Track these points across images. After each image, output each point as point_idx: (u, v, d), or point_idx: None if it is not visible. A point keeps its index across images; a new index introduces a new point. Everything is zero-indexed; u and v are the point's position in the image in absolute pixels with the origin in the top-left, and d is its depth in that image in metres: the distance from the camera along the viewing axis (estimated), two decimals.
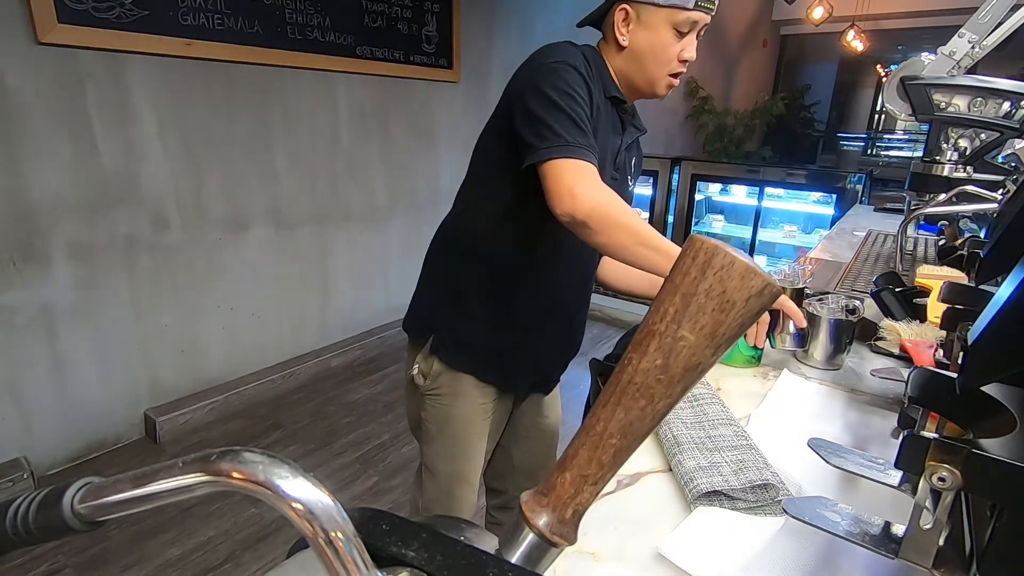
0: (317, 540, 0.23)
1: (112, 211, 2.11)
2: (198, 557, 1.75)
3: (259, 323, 2.68)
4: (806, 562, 0.60)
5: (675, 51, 0.98)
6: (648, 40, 0.97)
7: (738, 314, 0.27)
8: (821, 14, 5.37)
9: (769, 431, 0.86)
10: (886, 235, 2.19)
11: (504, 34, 3.64)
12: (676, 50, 0.98)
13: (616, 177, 1.06)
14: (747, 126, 6.22)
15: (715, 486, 0.67)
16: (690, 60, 1.00)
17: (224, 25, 2.26)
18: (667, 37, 0.97)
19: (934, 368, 0.65)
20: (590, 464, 0.30)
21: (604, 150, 0.99)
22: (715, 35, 6.25)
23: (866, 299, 1.22)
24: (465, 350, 1.07)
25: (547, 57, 0.93)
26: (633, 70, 1.01)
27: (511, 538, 0.31)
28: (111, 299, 2.15)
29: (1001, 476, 0.37)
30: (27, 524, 0.29)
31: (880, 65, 8.52)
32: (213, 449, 0.25)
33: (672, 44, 0.97)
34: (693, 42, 0.99)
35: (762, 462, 0.71)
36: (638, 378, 0.29)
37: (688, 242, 0.28)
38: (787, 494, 0.69)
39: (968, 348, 0.41)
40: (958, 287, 0.72)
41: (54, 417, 2.08)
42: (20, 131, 1.85)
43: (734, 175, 3.93)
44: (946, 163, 1.48)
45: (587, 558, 0.61)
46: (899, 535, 0.46)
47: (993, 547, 0.40)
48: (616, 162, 1.05)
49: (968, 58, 1.44)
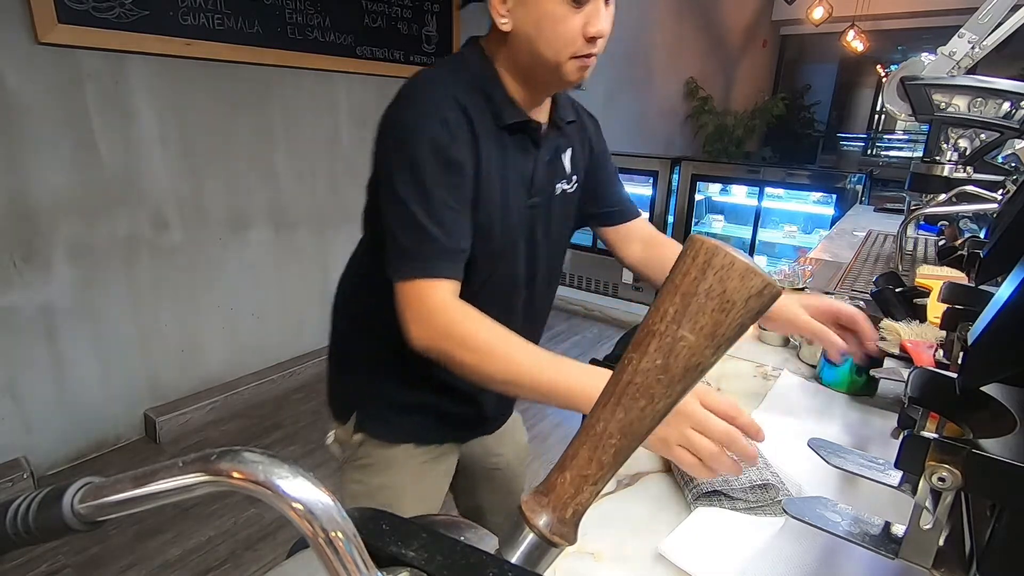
0: (317, 540, 0.23)
1: (112, 211, 2.11)
2: (198, 557, 1.75)
3: (259, 323, 2.69)
4: (806, 562, 0.60)
5: (574, 26, 0.75)
6: (532, 17, 0.75)
7: (738, 314, 0.27)
8: (821, 14, 5.38)
9: (769, 431, 0.86)
10: (886, 235, 2.19)
11: None
12: (575, 24, 0.75)
13: (535, 204, 0.88)
14: (747, 126, 6.22)
15: (715, 486, 0.67)
16: (600, 35, 0.76)
17: (224, 25, 2.26)
18: (556, 9, 0.74)
19: (934, 368, 0.65)
20: (590, 464, 0.30)
21: (510, 182, 0.84)
22: (715, 35, 6.25)
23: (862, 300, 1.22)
24: (394, 420, 0.96)
25: (399, 119, 0.78)
26: (525, 60, 0.79)
27: (511, 538, 0.31)
28: (111, 299, 2.15)
29: (1001, 476, 0.37)
30: (27, 524, 0.29)
31: (880, 65, 8.52)
32: (213, 449, 0.25)
33: (567, 17, 0.74)
34: (599, 11, 0.75)
35: (762, 462, 0.71)
36: (638, 378, 0.29)
37: (688, 242, 0.28)
38: (787, 494, 0.69)
39: (968, 348, 0.41)
40: (958, 287, 0.72)
41: (54, 417, 2.08)
42: (20, 131, 1.85)
43: (734, 175, 3.93)
44: (946, 163, 1.48)
45: (587, 558, 0.61)
46: (899, 535, 0.46)
47: (993, 547, 0.40)
48: (534, 185, 0.87)
49: (968, 58, 1.44)
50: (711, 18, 6.09)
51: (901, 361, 1.08)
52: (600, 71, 3.65)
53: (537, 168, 0.87)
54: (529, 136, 0.86)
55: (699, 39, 5.94)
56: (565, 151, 0.95)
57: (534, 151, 0.87)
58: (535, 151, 0.87)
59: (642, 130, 5.32)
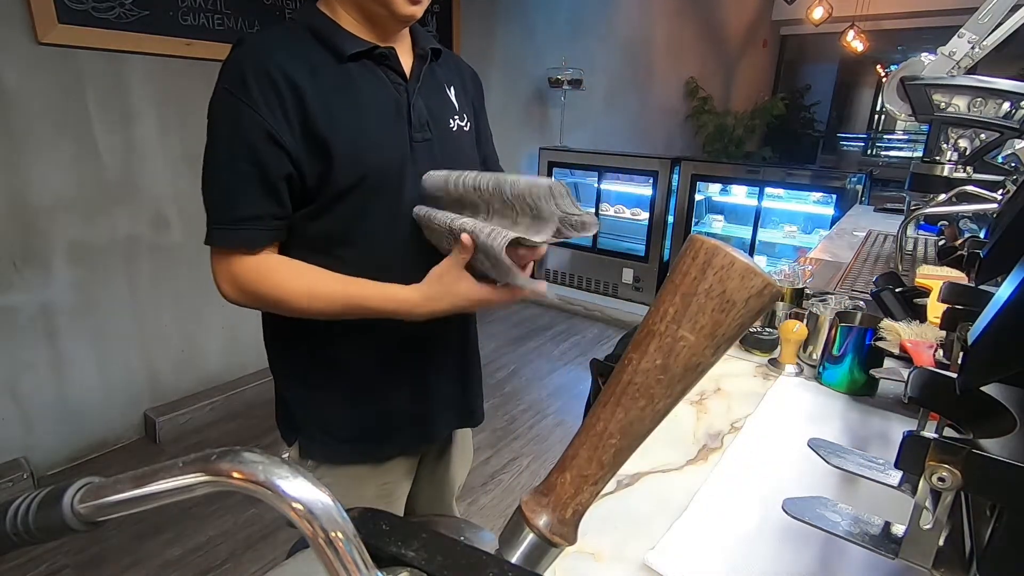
0: (317, 540, 0.23)
1: (112, 211, 2.10)
2: (198, 557, 1.75)
3: (259, 323, 2.68)
4: (806, 562, 0.60)
5: None
6: None
7: (738, 314, 0.27)
8: (821, 14, 5.37)
9: (769, 431, 0.86)
10: (886, 235, 2.19)
11: (504, 32, 3.64)
12: None
13: (428, 136, 0.85)
14: (747, 126, 6.22)
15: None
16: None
17: (224, 25, 2.26)
18: None
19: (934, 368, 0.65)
20: (590, 464, 0.30)
21: (374, 114, 0.80)
22: (715, 35, 6.26)
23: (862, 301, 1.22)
24: (332, 444, 0.91)
25: (217, 78, 0.76)
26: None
27: (511, 538, 0.31)
28: (111, 299, 2.15)
29: (1001, 476, 0.37)
30: (27, 524, 0.29)
31: (880, 65, 8.51)
32: (213, 449, 0.25)
33: None
34: None
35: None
36: (638, 378, 0.29)
37: (688, 242, 0.28)
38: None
39: (968, 348, 0.41)
40: (958, 287, 0.72)
41: (54, 417, 2.08)
42: (20, 131, 1.85)
43: (734, 175, 3.93)
44: (946, 163, 1.49)
45: (587, 558, 0.61)
46: (899, 535, 0.46)
47: (993, 547, 0.40)
48: (413, 120, 0.83)
49: (968, 58, 1.44)
50: (711, 18, 6.09)
51: (901, 361, 1.08)
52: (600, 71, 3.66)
53: (410, 104, 0.83)
54: (387, 65, 0.82)
55: (699, 39, 5.94)
56: (448, 87, 0.91)
57: (402, 82, 0.83)
58: (403, 84, 0.83)
59: (642, 130, 5.32)
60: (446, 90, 0.91)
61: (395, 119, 0.82)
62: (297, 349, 0.90)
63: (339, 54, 0.78)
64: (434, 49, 0.89)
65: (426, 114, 0.85)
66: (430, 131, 0.85)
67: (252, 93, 0.72)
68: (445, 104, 0.90)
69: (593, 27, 4.40)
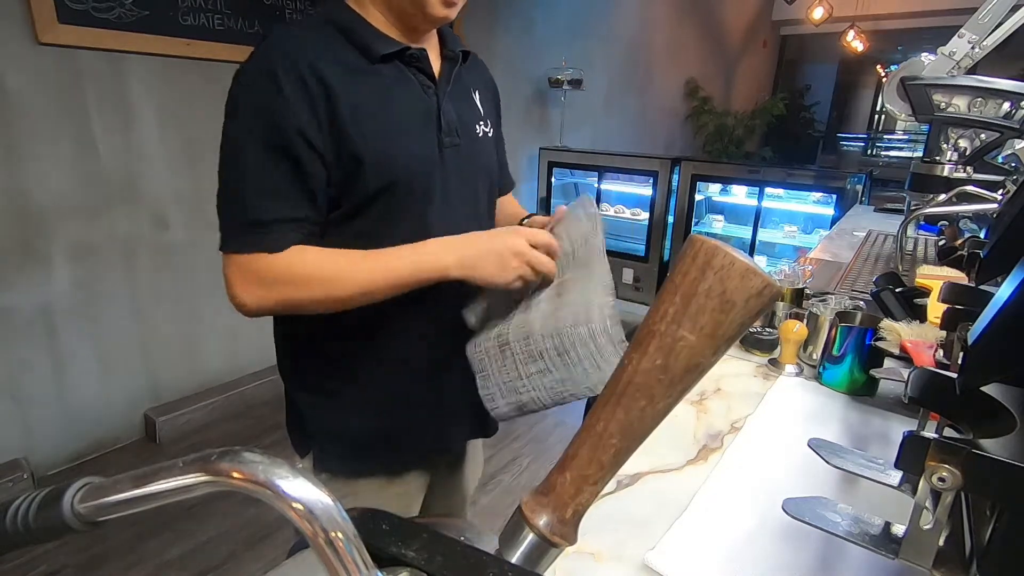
0: (317, 540, 0.23)
1: (112, 211, 2.10)
2: (198, 557, 1.75)
3: (259, 323, 2.68)
4: (806, 562, 0.60)
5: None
6: None
7: (738, 314, 0.27)
8: (821, 14, 5.38)
9: (769, 431, 0.86)
10: (886, 235, 2.19)
11: (505, 32, 3.64)
12: None
13: (457, 142, 0.83)
14: (747, 126, 6.22)
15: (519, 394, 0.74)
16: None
17: (224, 25, 2.26)
18: None
19: (934, 368, 0.65)
20: (590, 464, 0.30)
21: (405, 120, 0.78)
22: (715, 35, 6.26)
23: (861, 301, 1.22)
24: (348, 455, 0.88)
25: (229, 94, 0.73)
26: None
27: (511, 538, 0.31)
28: (111, 299, 2.15)
29: (1001, 476, 0.37)
30: (27, 524, 0.29)
31: (880, 65, 8.52)
32: (213, 449, 0.25)
33: None
34: None
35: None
36: (638, 378, 0.29)
37: (688, 242, 0.28)
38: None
39: (968, 348, 0.41)
40: (958, 287, 0.72)
41: (54, 417, 2.08)
42: (20, 131, 1.85)
43: (734, 175, 3.93)
44: (946, 163, 1.48)
45: (587, 558, 0.61)
46: (899, 535, 0.46)
47: (993, 547, 0.40)
48: (443, 125, 0.81)
49: (968, 58, 1.44)
50: (711, 18, 6.09)
51: (901, 361, 1.08)
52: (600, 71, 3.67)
53: (443, 104, 0.81)
54: (417, 67, 0.79)
55: (699, 39, 5.94)
56: (474, 91, 0.90)
57: (431, 88, 0.81)
58: (434, 88, 0.81)
59: (642, 130, 5.33)
60: (472, 95, 0.89)
61: (424, 124, 0.80)
62: (313, 355, 0.87)
63: (370, 54, 0.75)
64: (464, 52, 0.87)
65: (455, 120, 0.83)
66: (458, 137, 0.83)
67: (284, 90, 0.69)
68: (472, 109, 0.88)
69: (593, 27, 4.40)
